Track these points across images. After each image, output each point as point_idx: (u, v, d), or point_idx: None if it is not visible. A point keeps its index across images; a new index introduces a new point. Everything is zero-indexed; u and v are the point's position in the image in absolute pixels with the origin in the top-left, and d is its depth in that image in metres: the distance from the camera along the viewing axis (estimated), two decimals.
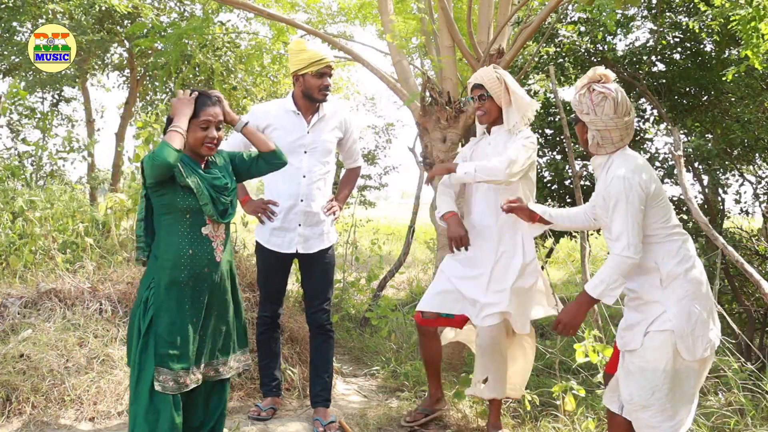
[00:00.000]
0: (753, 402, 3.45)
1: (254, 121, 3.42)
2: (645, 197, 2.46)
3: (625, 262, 2.43)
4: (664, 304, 2.46)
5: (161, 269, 2.51)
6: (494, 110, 3.36)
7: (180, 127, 2.48)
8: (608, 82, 2.57)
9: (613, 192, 2.47)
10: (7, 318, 3.79)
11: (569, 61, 6.75)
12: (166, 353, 2.47)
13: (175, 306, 2.50)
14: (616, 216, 2.46)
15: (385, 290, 6.48)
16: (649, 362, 2.43)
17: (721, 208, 6.69)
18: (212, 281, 2.61)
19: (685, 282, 2.46)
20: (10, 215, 4.89)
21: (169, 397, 2.48)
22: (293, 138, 3.37)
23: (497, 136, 3.40)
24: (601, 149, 2.60)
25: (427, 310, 3.41)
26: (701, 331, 2.44)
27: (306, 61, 3.32)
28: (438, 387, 3.61)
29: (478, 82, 3.35)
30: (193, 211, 2.53)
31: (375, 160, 8.82)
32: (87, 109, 12.59)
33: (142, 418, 2.46)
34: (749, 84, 5.79)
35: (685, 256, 2.51)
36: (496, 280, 3.26)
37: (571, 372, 4.22)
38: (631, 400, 2.47)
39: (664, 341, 2.42)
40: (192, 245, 2.54)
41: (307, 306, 3.52)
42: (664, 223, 2.52)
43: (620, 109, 2.51)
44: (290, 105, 3.44)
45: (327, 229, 3.47)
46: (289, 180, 3.34)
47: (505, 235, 3.32)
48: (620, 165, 2.53)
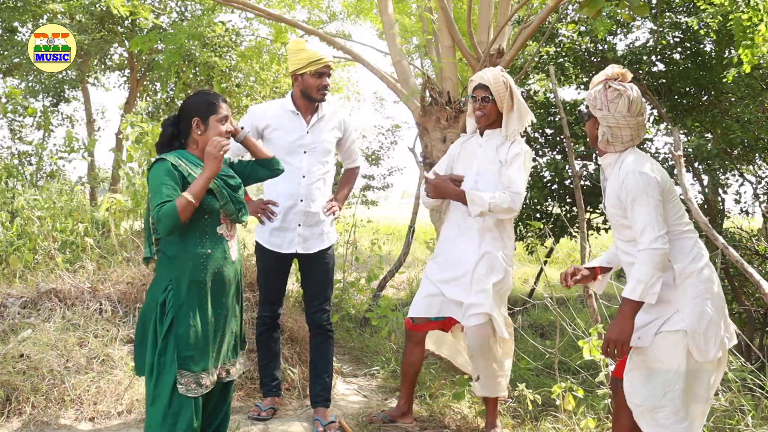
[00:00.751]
0: (753, 402, 3.45)
1: (253, 121, 3.42)
2: (663, 188, 2.44)
3: (656, 254, 2.37)
4: (676, 304, 2.43)
5: (180, 269, 2.48)
6: (494, 114, 3.34)
7: (196, 197, 2.42)
8: (626, 80, 2.56)
9: (631, 187, 2.43)
10: (7, 318, 3.79)
11: (569, 61, 6.76)
12: (188, 355, 2.45)
13: (197, 306, 2.49)
14: (638, 210, 2.42)
15: (385, 290, 6.47)
16: (662, 363, 2.40)
17: (721, 208, 6.69)
18: (229, 281, 2.61)
19: (698, 281, 2.44)
20: (9, 215, 4.88)
21: (190, 401, 2.46)
22: (293, 138, 3.37)
23: (490, 140, 3.38)
24: (610, 147, 2.58)
25: (415, 315, 3.41)
26: (713, 331, 2.41)
27: (305, 61, 3.32)
28: (408, 399, 3.54)
29: (484, 83, 3.31)
30: (211, 211, 2.54)
31: (379, 161, 8.83)
32: (87, 109, 12.59)
33: (160, 422, 2.43)
34: (749, 84, 5.79)
35: (698, 254, 2.49)
36: (478, 280, 3.26)
37: (571, 372, 4.22)
38: (642, 402, 2.43)
39: (677, 341, 2.39)
40: (210, 245, 2.54)
41: (307, 306, 3.52)
42: (677, 220, 2.49)
43: (634, 107, 2.50)
44: (289, 105, 3.44)
45: (327, 229, 3.47)
46: (288, 180, 3.34)
47: (487, 235, 3.32)
48: (634, 161, 2.51)
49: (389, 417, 3.53)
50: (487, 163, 3.34)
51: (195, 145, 2.61)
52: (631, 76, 2.60)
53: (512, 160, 3.27)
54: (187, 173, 2.49)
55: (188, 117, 2.58)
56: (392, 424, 3.50)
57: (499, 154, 3.32)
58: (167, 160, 2.49)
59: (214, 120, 2.58)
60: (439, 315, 3.38)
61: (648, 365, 2.43)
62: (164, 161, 2.49)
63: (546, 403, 3.78)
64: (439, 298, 3.36)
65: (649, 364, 2.43)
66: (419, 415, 3.74)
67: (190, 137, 2.60)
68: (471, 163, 3.40)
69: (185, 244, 2.50)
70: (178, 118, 2.62)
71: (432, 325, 3.47)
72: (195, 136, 2.59)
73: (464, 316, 3.26)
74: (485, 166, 3.34)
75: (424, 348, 3.54)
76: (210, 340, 2.53)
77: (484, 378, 3.32)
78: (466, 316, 3.25)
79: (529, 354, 4.50)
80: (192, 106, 2.59)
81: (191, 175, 2.49)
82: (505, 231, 3.37)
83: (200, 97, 2.63)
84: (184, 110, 2.61)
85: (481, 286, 3.24)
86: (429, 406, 3.84)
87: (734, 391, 3.50)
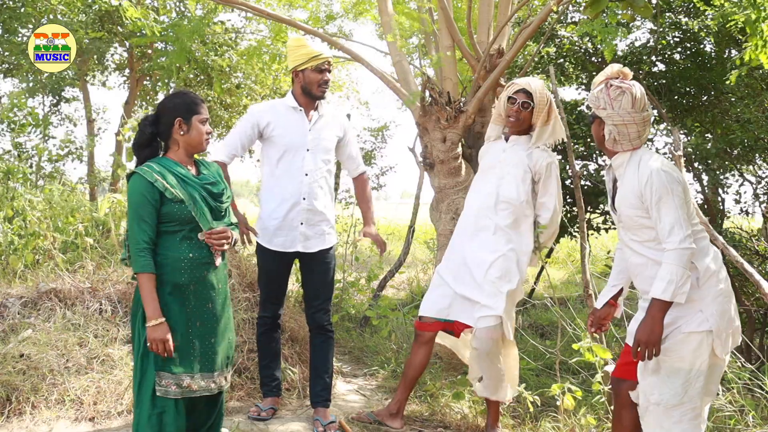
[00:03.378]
0: (753, 402, 3.45)
1: (254, 120, 3.42)
2: (686, 188, 2.45)
3: (685, 254, 2.35)
4: (699, 304, 2.42)
5: (161, 273, 2.48)
6: (527, 122, 3.35)
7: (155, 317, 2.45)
8: (626, 79, 2.56)
9: (657, 186, 2.41)
10: (7, 318, 3.79)
11: (569, 61, 6.75)
12: (167, 357, 2.46)
13: (177, 309, 2.49)
14: (665, 209, 2.39)
15: (385, 290, 6.47)
16: (685, 362, 2.40)
17: (721, 208, 6.68)
18: (214, 285, 2.60)
19: (718, 280, 2.45)
20: (9, 213, 4.87)
21: (171, 402, 2.47)
22: (295, 136, 3.38)
23: (516, 146, 3.39)
24: (618, 145, 2.55)
25: (424, 314, 3.41)
26: (732, 328, 2.45)
27: (305, 57, 3.33)
28: (401, 401, 3.50)
29: (528, 89, 3.30)
30: (191, 220, 2.53)
31: (372, 160, 8.84)
32: (87, 109, 12.58)
33: (145, 422, 2.45)
34: (749, 84, 5.79)
35: (715, 253, 2.50)
36: (491, 282, 3.25)
37: (572, 372, 4.23)
38: (660, 401, 2.42)
39: (701, 341, 2.39)
40: (191, 250, 2.53)
41: (307, 306, 3.52)
42: (693, 220, 2.49)
43: (638, 104, 2.49)
44: (291, 101, 3.45)
45: (328, 229, 3.47)
46: (291, 178, 3.35)
47: (502, 237, 3.32)
48: (652, 159, 2.48)
49: (377, 418, 3.50)
50: (512, 167, 3.34)
51: (176, 145, 2.59)
52: (631, 74, 2.59)
53: (546, 181, 3.34)
54: (164, 188, 2.46)
55: (170, 117, 2.55)
56: (379, 425, 3.47)
57: (527, 160, 3.33)
58: (144, 178, 2.46)
59: (197, 120, 2.57)
60: (449, 318, 3.36)
61: (671, 364, 2.42)
62: (142, 178, 2.46)
63: (546, 403, 3.78)
64: (449, 298, 3.35)
65: (671, 363, 2.42)
66: (419, 414, 3.74)
67: (171, 138, 2.58)
68: (494, 168, 3.40)
69: (166, 249, 2.50)
70: (157, 117, 2.59)
71: (440, 326, 3.44)
72: (176, 136, 2.57)
73: (475, 317, 3.25)
74: (508, 170, 3.35)
75: (430, 350, 3.50)
76: (194, 344, 2.53)
77: (488, 379, 3.32)
78: (477, 318, 3.24)
79: (529, 354, 4.50)
80: (174, 106, 2.57)
81: (168, 190, 2.46)
82: (520, 228, 3.36)
83: (182, 97, 2.61)
84: (166, 110, 2.58)
85: (495, 289, 3.23)
86: (429, 405, 3.84)
87: (734, 391, 3.50)
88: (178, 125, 2.55)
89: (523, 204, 3.33)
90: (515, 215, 3.34)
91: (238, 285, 4.38)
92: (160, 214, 2.48)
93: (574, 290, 8.30)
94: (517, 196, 3.31)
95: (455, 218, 4.28)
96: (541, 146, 3.37)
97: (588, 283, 3.85)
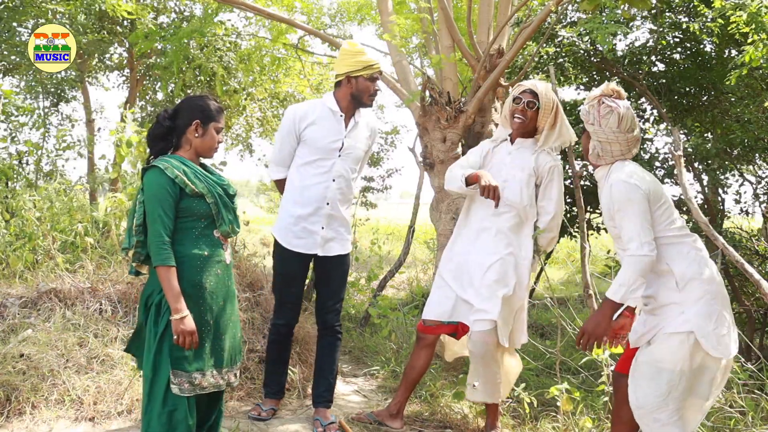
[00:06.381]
0: (753, 402, 3.45)
1: (294, 118, 3.36)
2: (647, 195, 2.48)
3: (641, 261, 2.43)
4: (681, 306, 2.46)
5: (177, 271, 2.47)
6: (533, 123, 3.36)
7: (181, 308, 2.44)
8: (620, 98, 2.62)
9: (615, 197, 2.50)
10: (7, 318, 3.79)
11: (569, 62, 6.74)
12: (181, 355, 2.47)
13: (193, 308, 2.49)
14: (624, 219, 2.49)
15: (385, 290, 6.47)
16: (665, 363, 2.44)
17: (721, 208, 6.68)
18: (225, 283, 2.61)
19: (701, 283, 2.47)
20: (7, 214, 4.87)
21: (184, 400, 2.47)
22: (330, 140, 3.35)
23: (520, 148, 3.40)
24: (601, 160, 2.66)
25: (427, 317, 3.40)
26: (726, 329, 2.45)
27: (362, 64, 3.31)
28: (401, 402, 3.50)
29: (534, 90, 3.32)
30: (208, 216, 2.55)
31: (379, 162, 8.88)
32: (87, 108, 12.58)
33: (156, 421, 2.45)
34: (749, 84, 5.78)
35: (697, 256, 2.53)
36: (488, 286, 3.26)
37: (572, 372, 4.22)
38: (644, 403, 2.46)
39: (682, 342, 2.42)
40: (207, 247, 2.55)
41: (320, 307, 3.49)
42: (668, 226, 2.53)
43: (624, 124, 2.57)
44: (333, 105, 3.40)
45: (346, 235, 3.47)
46: (318, 182, 3.34)
47: (502, 240, 3.32)
48: (618, 171, 2.58)
49: (377, 418, 3.50)
50: (517, 170, 3.35)
51: (188, 145, 2.60)
52: (625, 95, 2.66)
53: (548, 185, 3.35)
54: (184, 184, 2.48)
55: (189, 117, 2.57)
56: (379, 425, 3.47)
57: (532, 163, 3.34)
58: (165, 173, 2.47)
59: (213, 127, 2.59)
60: (451, 319, 3.36)
61: (654, 365, 2.47)
62: (162, 173, 2.47)
63: (546, 403, 3.78)
64: (451, 300, 3.35)
65: (653, 364, 2.47)
66: (420, 414, 3.74)
67: (185, 136, 2.59)
68: (500, 171, 3.40)
69: (182, 246, 2.50)
70: (176, 113, 2.60)
71: (443, 329, 3.44)
72: (191, 136, 2.58)
73: (471, 320, 3.27)
74: (513, 173, 3.35)
75: (432, 354, 3.49)
76: (206, 342, 2.53)
77: (483, 384, 3.32)
78: (472, 321, 3.26)
79: (529, 354, 4.50)
80: (196, 108, 2.58)
81: (188, 186, 2.48)
82: (522, 232, 3.37)
83: (205, 100, 2.61)
84: (187, 108, 2.59)
85: (491, 293, 3.24)
86: (429, 405, 3.83)
87: (734, 391, 3.50)
88: (195, 127, 2.57)
89: (526, 207, 3.34)
90: (518, 218, 3.34)
91: (238, 285, 4.38)
92: (177, 209, 2.49)
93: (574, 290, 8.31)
94: (521, 199, 3.32)
95: (455, 218, 4.28)
96: (547, 149, 3.37)
97: (588, 283, 3.85)
